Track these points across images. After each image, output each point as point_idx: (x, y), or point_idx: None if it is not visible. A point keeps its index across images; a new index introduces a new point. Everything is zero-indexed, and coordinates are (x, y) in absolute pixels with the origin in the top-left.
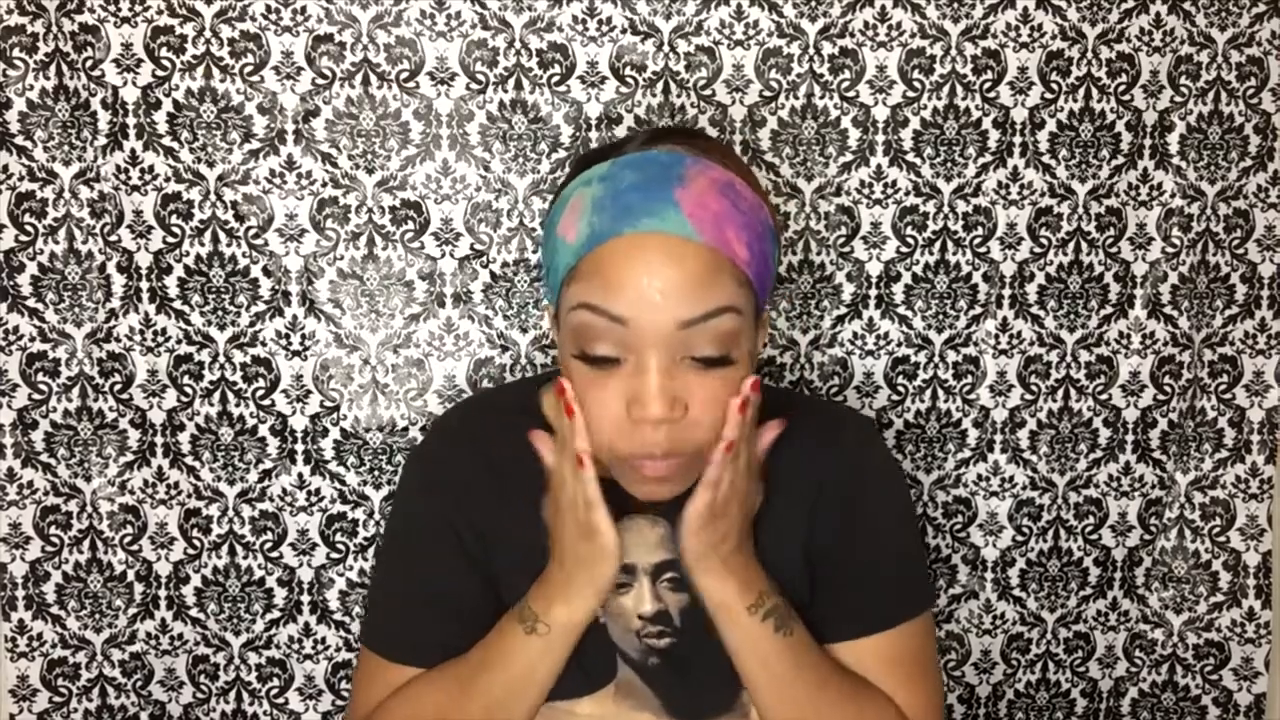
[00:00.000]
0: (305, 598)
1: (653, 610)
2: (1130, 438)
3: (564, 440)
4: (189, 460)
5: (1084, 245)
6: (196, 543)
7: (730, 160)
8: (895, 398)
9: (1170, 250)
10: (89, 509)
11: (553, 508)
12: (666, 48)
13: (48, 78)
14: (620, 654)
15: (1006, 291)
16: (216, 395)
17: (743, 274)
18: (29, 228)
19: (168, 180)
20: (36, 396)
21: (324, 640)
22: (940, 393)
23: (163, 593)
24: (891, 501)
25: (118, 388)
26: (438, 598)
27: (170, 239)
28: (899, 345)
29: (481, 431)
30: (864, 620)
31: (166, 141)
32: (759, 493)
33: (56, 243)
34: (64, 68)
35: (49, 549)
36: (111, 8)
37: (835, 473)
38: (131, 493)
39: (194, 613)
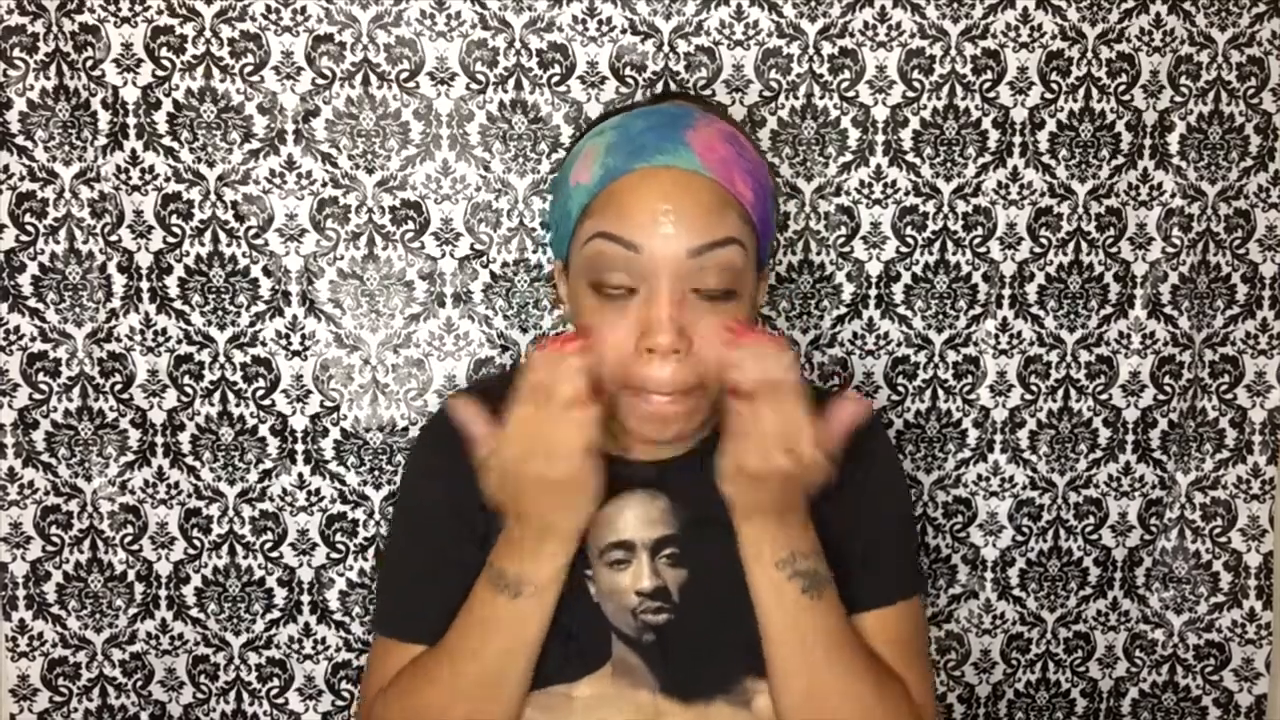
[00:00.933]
0: (305, 598)
1: (651, 586)
2: (1130, 438)
3: (551, 382)
4: (189, 460)
5: (1084, 245)
6: (197, 543)
7: (733, 122)
8: (895, 398)
9: (1170, 250)
10: (89, 509)
11: (504, 465)
12: (666, 48)
13: (48, 78)
14: (616, 632)
15: (1006, 291)
16: (217, 395)
17: (747, 214)
18: (29, 228)
19: (168, 180)
20: (37, 396)
21: (324, 640)
22: (940, 393)
23: (163, 593)
24: (894, 485)
25: (118, 388)
26: (445, 575)
27: (170, 239)
28: (899, 345)
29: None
30: (866, 595)
31: (166, 141)
32: (822, 468)
33: (57, 243)
34: (64, 68)
35: (49, 549)
36: (111, 8)
37: (842, 454)
38: (132, 492)
39: (194, 613)
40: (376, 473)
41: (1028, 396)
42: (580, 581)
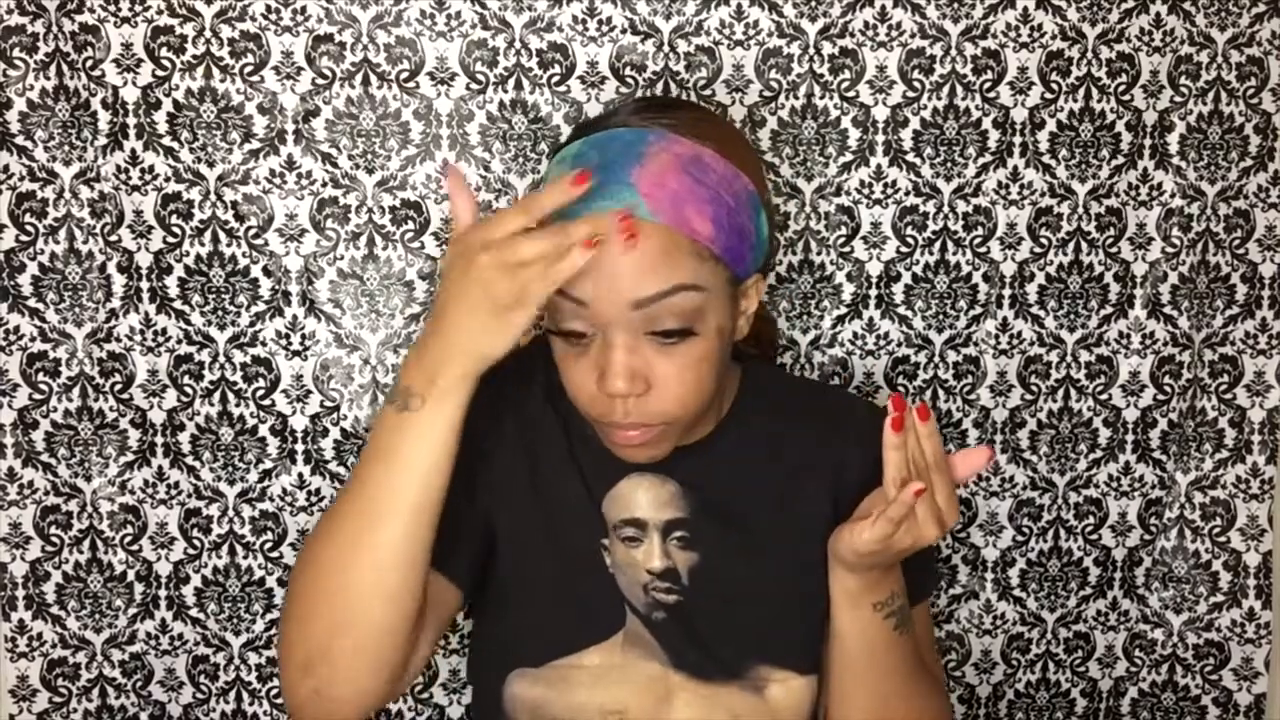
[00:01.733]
0: None
1: (661, 567)
2: (1130, 438)
3: (547, 197)
4: (189, 460)
5: (1084, 245)
6: (196, 543)
7: (712, 133)
8: None
9: (1170, 250)
10: (89, 509)
11: (466, 253)
12: (666, 48)
13: (48, 78)
14: (628, 604)
15: (1006, 291)
16: (217, 395)
17: (705, 249)
18: (29, 228)
19: (168, 180)
20: (37, 396)
21: None
22: (940, 393)
23: (163, 593)
24: None
25: (118, 388)
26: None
27: (170, 239)
28: (899, 345)
29: (503, 386)
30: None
31: (166, 141)
32: (953, 511)
33: (57, 243)
34: (64, 68)
35: (49, 549)
36: (111, 8)
37: (860, 457)
38: (132, 493)
39: (194, 613)
40: None
41: (1028, 397)
42: (596, 549)
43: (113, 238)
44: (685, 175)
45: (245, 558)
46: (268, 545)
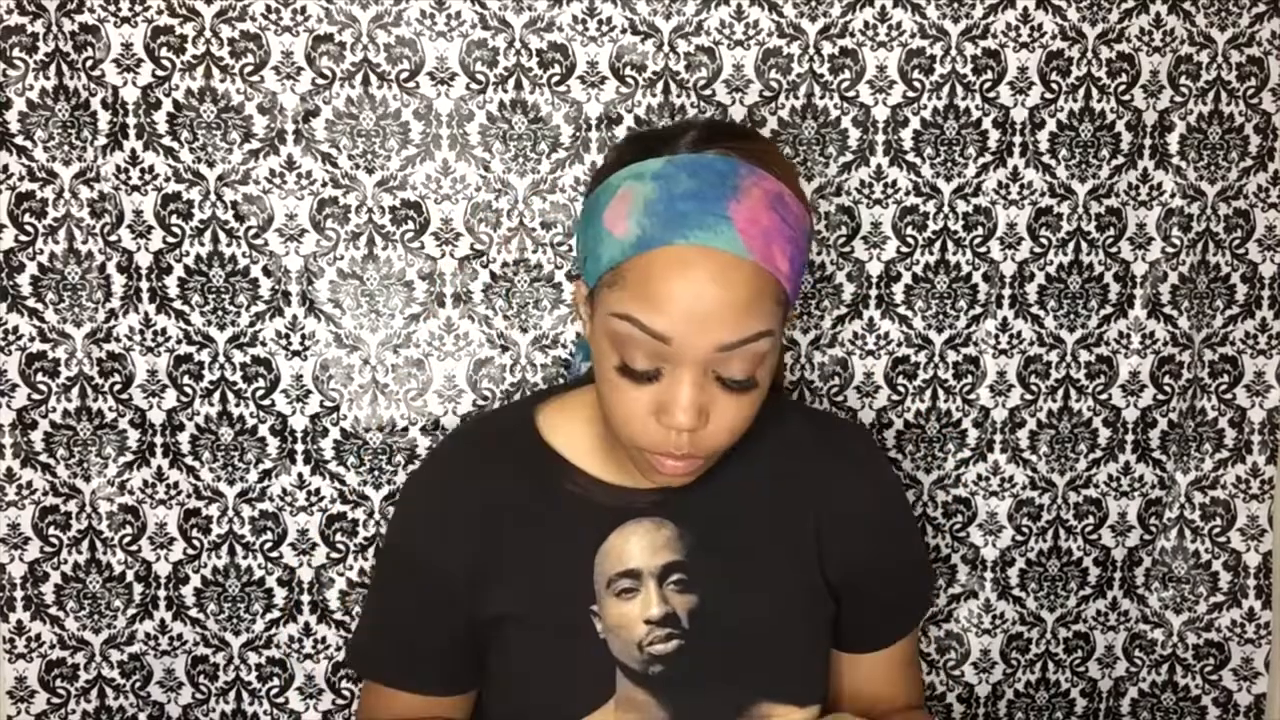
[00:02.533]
0: (305, 598)
1: (660, 614)
2: (1130, 438)
3: None
4: (189, 460)
5: (1084, 245)
6: (196, 543)
7: (779, 165)
8: (895, 398)
9: (1170, 250)
10: (88, 509)
11: None
12: (666, 48)
13: (48, 78)
14: (621, 668)
15: (1006, 291)
16: (216, 395)
17: (783, 291)
18: (29, 228)
19: (168, 180)
20: (36, 396)
21: (324, 640)
22: (940, 393)
23: (162, 593)
24: (904, 508)
25: (117, 388)
26: (410, 635)
27: (170, 239)
28: (899, 345)
29: (477, 466)
30: (899, 625)
31: (166, 141)
32: None
33: (56, 243)
34: (64, 68)
35: (48, 549)
36: (111, 8)
37: (850, 490)
38: (131, 493)
39: (193, 613)
40: (376, 473)
41: (1028, 396)
42: (586, 619)
43: (112, 238)
44: (774, 213)
45: (245, 558)
46: (267, 545)
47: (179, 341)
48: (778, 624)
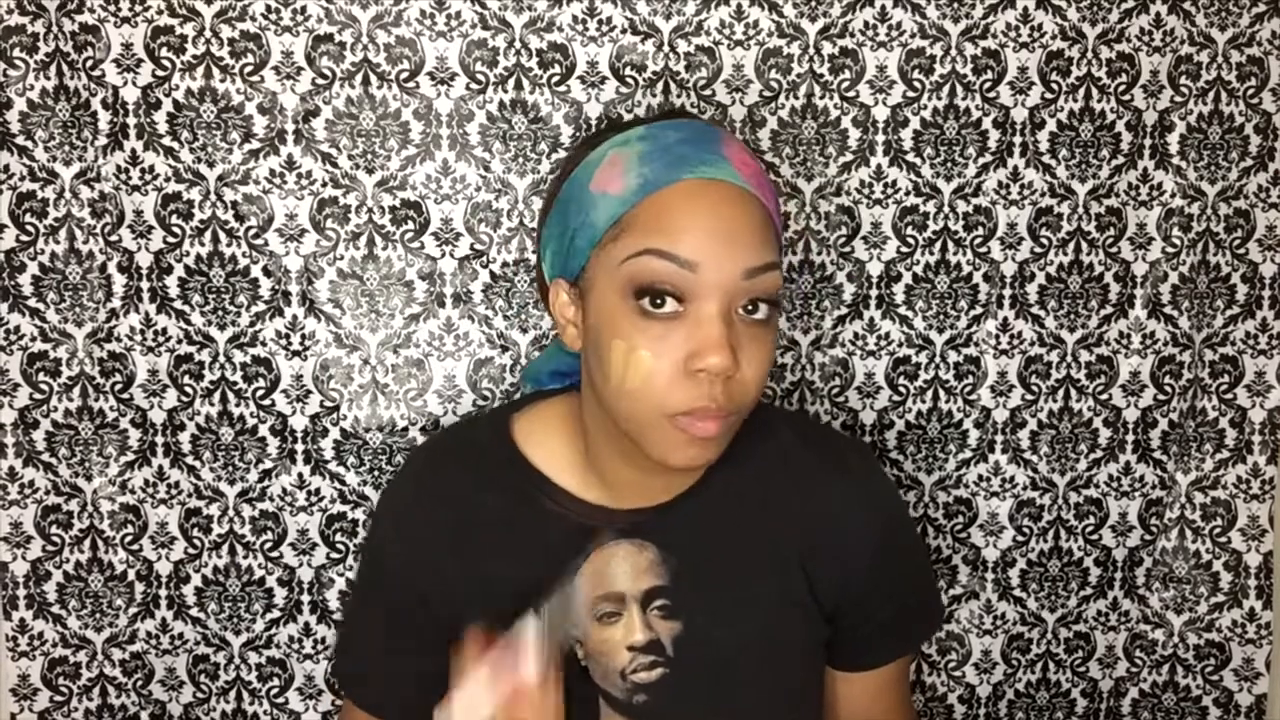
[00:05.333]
0: (305, 598)
1: (644, 640)
2: (1130, 438)
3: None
4: (189, 460)
5: (1084, 245)
6: (197, 542)
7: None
8: (896, 398)
9: (1170, 250)
10: (90, 508)
11: None
12: (666, 48)
13: (48, 78)
14: (604, 697)
15: (1007, 291)
16: (217, 395)
17: (778, 236)
18: (29, 228)
19: (168, 180)
20: (37, 396)
21: (324, 640)
22: (941, 393)
23: (163, 592)
24: (902, 525)
25: (118, 387)
26: (392, 654)
27: (170, 239)
28: (900, 345)
29: (452, 476)
30: (896, 646)
31: (167, 141)
32: None
33: (57, 243)
34: (64, 68)
35: (50, 548)
36: (111, 8)
37: (843, 509)
38: (132, 492)
39: (194, 612)
40: (376, 473)
41: (1028, 397)
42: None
43: (113, 238)
44: (757, 164)
45: (245, 557)
46: (268, 545)
47: (179, 341)
48: (766, 651)
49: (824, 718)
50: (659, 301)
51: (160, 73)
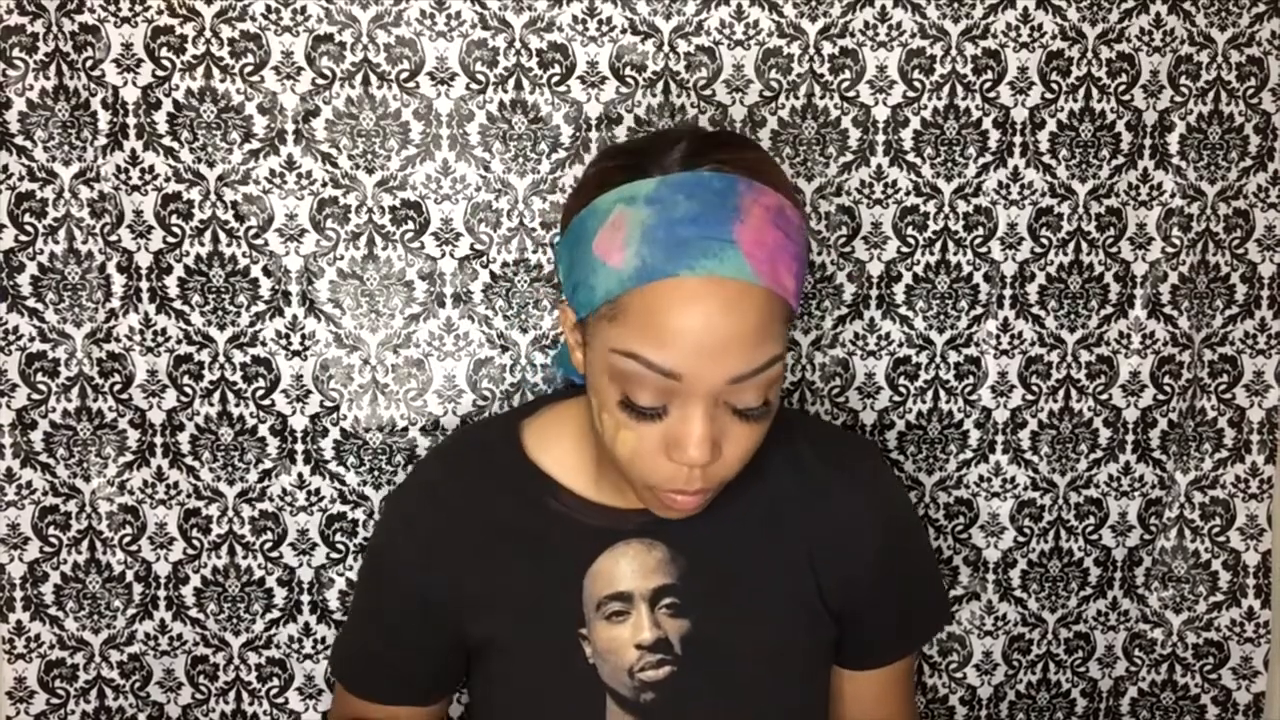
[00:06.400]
0: (305, 598)
1: (652, 639)
2: (1130, 438)
3: None
4: (189, 460)
5: (1084, 245)
6: (196, 543)
7: (773, 172)
8: (897, 399)
9: (1170, 250)
10: (88, 509)
11: None
12: (666, 48)
13: (48, 78)
14: (611, 695)
15: (1007, 292)
16: (216, 395)
17: (790, 310)
18: (29, 228)
19: (168, 180)
20: (36, 396)
21: (324, 640)
22: (942, 393)
23: (162, 593)
24: (910, 526)
25: (117, 388)
26: (390, 651)
27: (170, 239)
28: (900, 346)
29: (462, 480)
30: (900, 645)
31: (166, 141)
32: None
33: (56, 243)
34: (64, 68)
35: (47, 549)
36: (111, 8)
37: (851, 511)
38: (131, 493)
39: (193, 613)
40: (376, 473)
41: (1029, 397)
42: (574, 642)
43: (112, 238)
44: (777, 230)
45: (245, 558)
46: (267, 545)
47: (179, 341)
48: (774, 650)
49: (830, 715)
50: (645, 406)
51: (160, 73)
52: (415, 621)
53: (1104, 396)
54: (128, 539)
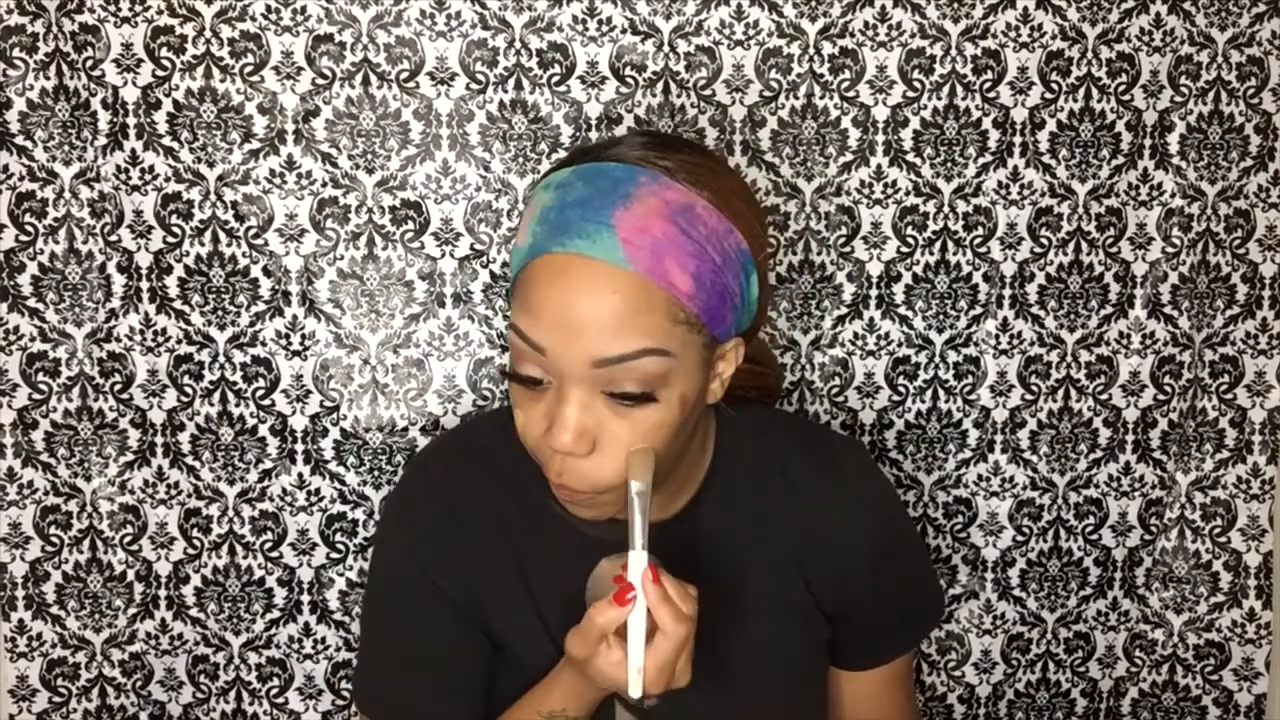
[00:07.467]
0: (305, 598)
1: None
2: (1130, 438)
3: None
4: (189, 460)
5: (1084, 245)
6: (196, 543)
7: (717, 180)
8: (896, 398)
9: (1170, 250)
10: (89, 509)
11: (590, 629)
12: (666, 48)
13: (48, 78)
14: (617, 698)
15: (1007, 291)
16: (216, 395)
17: (680, 309)
18: (29, 228)
19: (168, 180)
20: (37, 396)
21: (324, 640)
22: (941, 393)
23: (163, 593)
24: (900, 526)
25: (118, 388)
26: (426, 659)
27: (170, 239)
28: (900, 345)
29: (461, 479)
30: (895, 644)
31: (166, 141)
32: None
33: (57, 243)
34: (64, 68)
35: (49, 549)
36: (111, 8)
37: (839, 514)
38: (131, 492)
39: (194, 613)
40: (376, 473)
41: (1028, 397)
42: None
43: (113, 238)
44: (671, 224)
45: (245, 558)
46: (267, 545)
47: (179, 341)
48: (770, 654)
49: (830, 716)
50: (526, 377)
51: (160, 73)
52: (452, 625)
53: (1104, 396)
54: (129, 538)
